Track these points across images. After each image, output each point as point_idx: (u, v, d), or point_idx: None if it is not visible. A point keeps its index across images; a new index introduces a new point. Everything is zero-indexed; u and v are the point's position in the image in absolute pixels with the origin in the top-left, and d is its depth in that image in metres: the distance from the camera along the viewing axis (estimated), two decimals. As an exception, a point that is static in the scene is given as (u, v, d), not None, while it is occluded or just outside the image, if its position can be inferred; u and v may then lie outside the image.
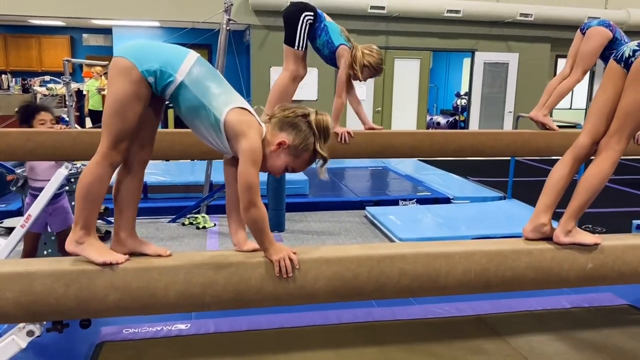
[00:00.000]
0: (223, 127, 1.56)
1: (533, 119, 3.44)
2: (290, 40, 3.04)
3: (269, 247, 1.61)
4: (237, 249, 1.73)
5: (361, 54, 2.97)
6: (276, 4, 9.31)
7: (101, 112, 10.65)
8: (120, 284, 1.52)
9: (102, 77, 9.40)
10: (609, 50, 3.22)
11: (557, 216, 1.83)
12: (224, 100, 1.57)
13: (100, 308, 1.53)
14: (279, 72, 3.17)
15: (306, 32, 3.01)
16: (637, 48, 1.80)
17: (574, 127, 5.32)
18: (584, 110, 11.83)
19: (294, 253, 1.63)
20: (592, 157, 1.91)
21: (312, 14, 3.02)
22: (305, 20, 3.00)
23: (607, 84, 1.89)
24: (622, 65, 1.84)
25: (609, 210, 5.64)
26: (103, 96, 9.60)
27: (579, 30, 3.39)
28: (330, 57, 3.09)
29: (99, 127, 1.70)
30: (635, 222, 4.85)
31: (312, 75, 9.42)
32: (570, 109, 13.65)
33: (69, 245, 1.58)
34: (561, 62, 11.75)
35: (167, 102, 1.66)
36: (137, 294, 1.53)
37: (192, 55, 1.59)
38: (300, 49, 3.04)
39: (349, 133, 2.90)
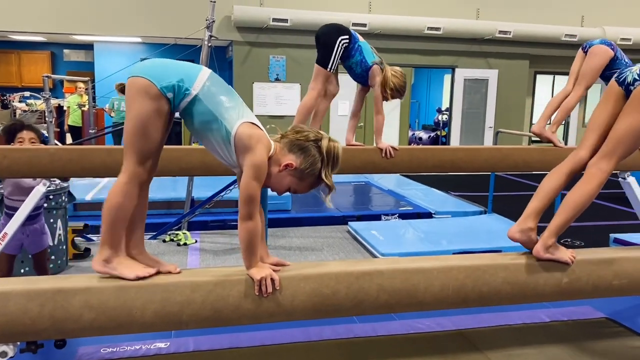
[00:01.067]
0: (233, 141, 1.58)
1: (539, 134, 3.49)
2: (323, 62, 3.08)
3: (253, 265, 1.61)
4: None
5: (390, 75, 3.04)
6: (258, 20, 9.37)
7: (81, 128, 10.46)
8: (95, 304, 1.50)
9: (84, 93, 9.33)
10: (608, 70, 3.29)
11: (539, 231, 1.85)
12: (237, 114, 1.60)
13: (76, 328, 1.51)
14: (262, 87, 3.22)
15: (340, 55, 3.07)
16: (637, 78, 1.84)
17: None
18: (567, 124, 12.03)
19: (276, 271, 1.63)
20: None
21: (347, 37, 3.06)
22: (341, 45, 3.04)
23: (607, 102, 1.92)
24: (623, 88, 1.88)
25: (588, 224, 5.71)
26: (83, 112, 9.51)
27: (580, 49, 3.47)
28: (362, 75, 3.15)
29: (79, 143, 1.70)
30: (613, 235, 4.93)
31: (294, 91, 9.51)
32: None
33: (97, 265, 1.57)
34: (540, 78, 11.97)
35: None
36: (113, 313, 1.51)
37: (206, 71, 1.63)
38: (332, 70, 3.10)
39: (393, 148, 2.96)
